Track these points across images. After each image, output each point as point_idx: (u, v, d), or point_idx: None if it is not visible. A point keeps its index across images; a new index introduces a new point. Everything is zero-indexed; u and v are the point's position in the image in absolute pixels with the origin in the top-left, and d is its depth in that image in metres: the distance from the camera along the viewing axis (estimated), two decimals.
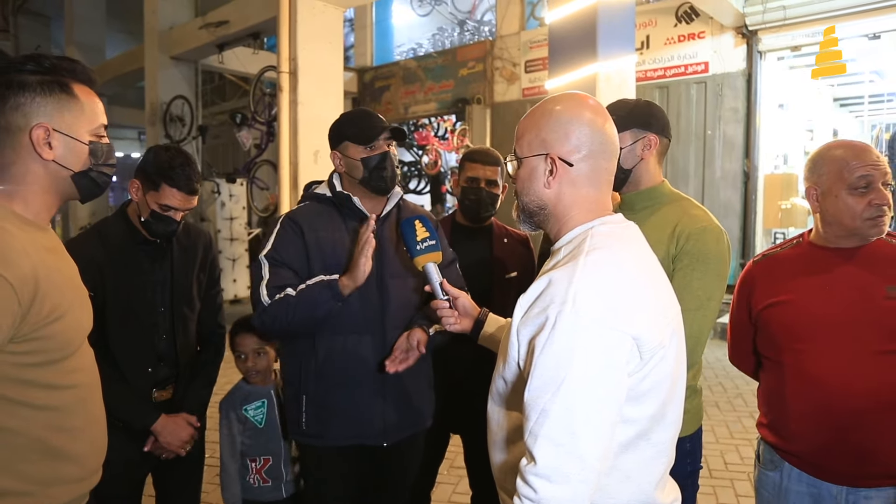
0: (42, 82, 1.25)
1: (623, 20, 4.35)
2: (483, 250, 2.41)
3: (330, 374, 1.83)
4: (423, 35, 12.23)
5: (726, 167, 7.64)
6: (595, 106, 1.20)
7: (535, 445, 1.01)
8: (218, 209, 9.05)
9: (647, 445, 1.13)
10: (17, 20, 12.35)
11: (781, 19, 7.06)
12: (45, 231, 1.31)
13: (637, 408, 1.09)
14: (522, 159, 1.22)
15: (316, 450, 1.90)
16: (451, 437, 2.49)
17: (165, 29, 8.91)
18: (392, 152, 1.89)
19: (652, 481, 1.14)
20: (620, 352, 1.03)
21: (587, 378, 1.01)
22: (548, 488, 0.99)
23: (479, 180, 2.34)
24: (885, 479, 1.58)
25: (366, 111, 1.94)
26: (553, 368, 1.02)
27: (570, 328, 1.02)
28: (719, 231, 1.67)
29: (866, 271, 1.62)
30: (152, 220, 1.94)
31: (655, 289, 1.14)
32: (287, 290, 1.76)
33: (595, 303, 1.03)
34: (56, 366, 1.25)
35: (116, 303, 1.92)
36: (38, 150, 1.24)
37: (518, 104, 9.12)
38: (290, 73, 6.01)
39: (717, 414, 4.65)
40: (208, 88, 13.56)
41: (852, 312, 1.60)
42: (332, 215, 1.90)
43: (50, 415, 1.24)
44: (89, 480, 1.36)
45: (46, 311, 1.19)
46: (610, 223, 1.18)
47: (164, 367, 2.03)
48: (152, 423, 1.95)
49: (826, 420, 1.60)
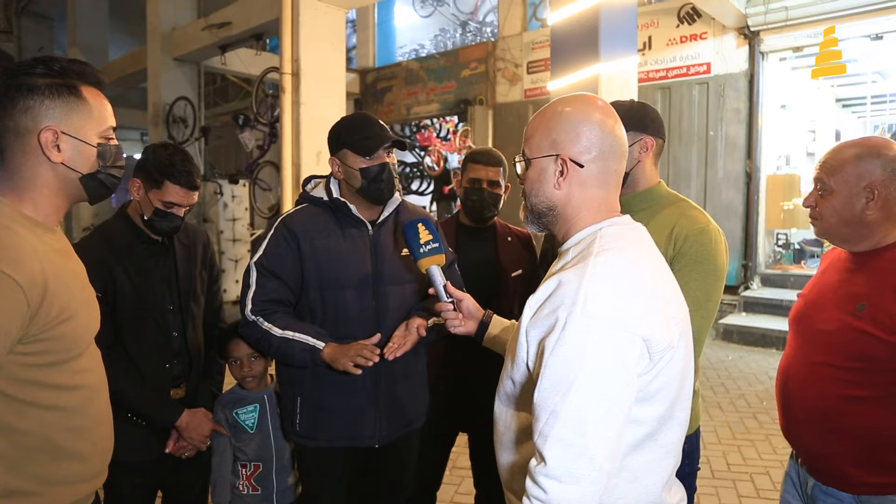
0: (51, 85, 1.25)
1: (625, 21, 4.35)
2: (487, 250, 2.42)
3: (325, 377, 1.84)
4: (425, 36, 12.26)
5: (728, 168, 7.63)
6: (605, 107, 1.20)
7: (545, 446, 1.02)
8: (220, 210, 9.06)
9: (656, 446, 1.13)
10: (21, 22, 12.39)
11: (783, 20, 7.06)
12: (54, 232, 1.32)
13: (646, 408, 1.10)
14: (532, 160, 1.22)
15: (310, 450, 1.92)
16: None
17: (168, 30, 8.93)
18: (392, 161, 1.88)
19: (659, 482, 1.15)
20: (630, 353, 1.04)
21: (597, 379, 1.02)
22: (558, 489, 1.00)
23: (481, 181, 2.35)
24: (830, 479, 1.58)
25: (366, 118, 1.91)
26: (563, 369, 1.02)
27: (581, 329, 1.02)
28: (717, 232, 1.68)
29: (870, 280, 1.53)
30: (156, 218, 1.95)
31: (664, 290, 1.14)
32: (272, 329, 1.78)
33: (605, 304, 1.03)
34: (64, 366, 1.25)
35: (127, 302, 1.94)
36: (46, 152, 1.25)
37: (520, 105, 9.12)
38: (293, 75, 6.02)
39: (720, 415, 4.65)
40: (211, 90, 13.60)
41: (825, 318, 1.57)
42: (329, 220, 1.90)
43: (58, 415, 1.25)
44: (95, 481, 1.36)
45: (55, 313, 1.20)
46: (618, 224, 1.18)
47: (179, 364, 2.06)
48: (177, 419, 1.97)
49: (784, 415, 1.67)
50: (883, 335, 1.42)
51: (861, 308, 1.48)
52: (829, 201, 1.55)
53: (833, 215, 1.55)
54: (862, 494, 1.51)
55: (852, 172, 1.51)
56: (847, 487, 1.53)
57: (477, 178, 2.35)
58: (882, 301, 1.45)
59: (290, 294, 1.85)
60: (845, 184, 1.52)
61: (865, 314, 1.46)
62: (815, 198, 1.59)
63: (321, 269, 1.83)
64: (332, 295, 1.84)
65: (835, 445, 1.53)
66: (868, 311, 1.46)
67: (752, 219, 7.57)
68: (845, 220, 1.54)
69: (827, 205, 1.55)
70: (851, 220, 1.53)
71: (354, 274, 1.85)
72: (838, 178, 1.53)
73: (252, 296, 1.81)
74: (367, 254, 1.88)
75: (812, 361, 1.57)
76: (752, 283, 7.58)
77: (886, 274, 1.49)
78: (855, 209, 1.52)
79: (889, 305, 1.43)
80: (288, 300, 1.85)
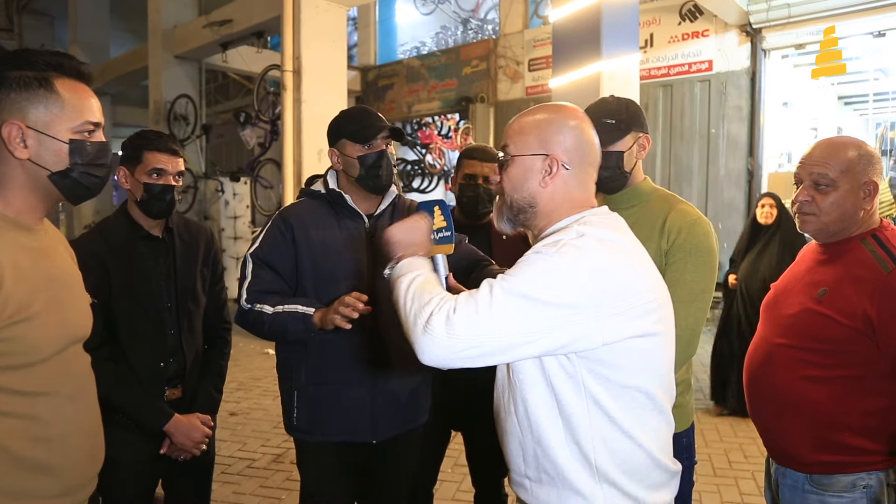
0: (19, 78, 1.18)
1: (627, 18, 4.34)
2: (482, 247, 2.41)
3: (322, 372, 1.84)
4: (426, 33, 12.25)
5: (730, 165, 7.62)
6: (585, 116, 1.31)
7: (475, 297, 1.10)
8: (222, 208, 9.07)
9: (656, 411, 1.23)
10: (22, 19, 12.39)
11: (786, 17, 7.04)
12: (31, 231, 1.24)
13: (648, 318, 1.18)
14: (515, 157, 1.28)
15: (308, 445, 1.92)
16: (455, 435, 2.50)
17: (169, 28, 8.93)
18: (390, 151, 1.89)
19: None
20: (607, 283, 1.12)
21: (565, 280, 1.10)
22: (443, 329, 1.08)
23: (476, 177, 2.35)
24: (785, 459, 1.64)
25: (365, 109, 1.94)
26: (541, 263, 1.13)
27: (571, 250, 1.12)
28: (708, 224, 1.71)
29: (834, 268, 1.59)
30: (147, 197, 1.94)
31: (646, 267, 1.23)
32: (264, 307, 1.78)
33: (598, 241, 1.15)
34: (23, 371, 1.17)
35: (124, 300, 1.93)
36: (10, 148, 1.18)
37: (521, 102, 9.10)
38: (294, 72, 6.02)
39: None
40: (212, 87, 13.59)
41: (790, 304, 1.63)
42: (326, 213, 1.90)
43: (16, 422, 1.16)
44: (76, 496, 1.28)
45: (10, 312, 1.13)
46: (599, 214, 1.26)
47: (174, 363, 2.03)
48: (165, 423, 1.94)
49: (748, 397, 1.72)
50: (840, 318, 1.48)
51: (822, 293, 1.54)
52: (831, 196, 1.56)
53: (834, 210, 1.56)
54: (813, 474, 1.56)
55: (857, 168, 1.54)
56: (800, 467, 1.59)
57: (472, 174, 2.35)
58: (842, 286, 1.51)
59: (285, 285, 1.86)
60: (854, 179, 1.54)
61: (825, 299, 1.52)
62: (813, 193, 1.58)
63: (316, 262, 1.84)
64: (326, 287, 1.83)
65: (788, 424, 1.59)
66: (828, 296, 1.52)
67: None
68: (845, 215, 1.56)
69: (829, 200, 1.56)
70: (849, 214, 1.56)
71: (350, 266, 1.85)
72: (846, 174, 1.54)
73: (248, 286, 1.82)
74: (362, 246, 1.88)
75: (773, 343, 1.64)
76: None
77: (850, 263, 1.55)
78: (856, 204, 1.55)
79: (847, 290, 1.49)
80: (283, 290, 1.86)
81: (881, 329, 1.44)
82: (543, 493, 1.23)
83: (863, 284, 1.48)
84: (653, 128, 7.94)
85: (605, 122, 1.70)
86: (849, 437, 1.50)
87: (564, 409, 1.18)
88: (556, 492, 1.21)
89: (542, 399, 1.19)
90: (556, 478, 1.21)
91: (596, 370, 1.16)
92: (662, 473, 1.24)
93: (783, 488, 1.64)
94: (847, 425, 1.50)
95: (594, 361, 1.15)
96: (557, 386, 1.17)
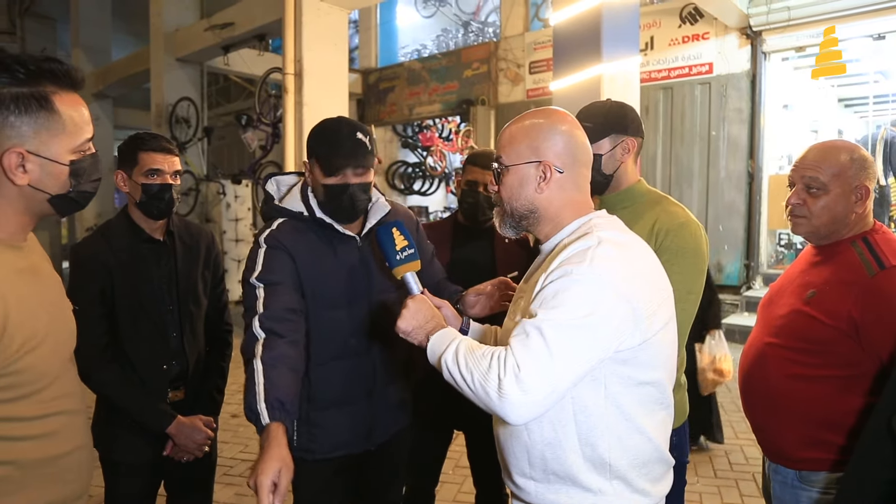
0: (17, 97, 1.10)
1: (627, 21, 4.36)
2: (485, 250, 2.42)
3: (320, 397, 1.80)
4: (427, 36, 12.25)
5: (731, 168, 7.63)
6: (573, 120, 1.35)
7: (522, 346, 1.11)
8: (223, 210, 9.08)
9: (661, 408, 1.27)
10: (24, 23, 12.40)
11: (786, 20, 7.05)
12: (19, 250, 1.20)
13: (647, 371, 1.22)
14: (510, 167, 1.31)
15: (305, 462, 1.85)
16: (456, 437, 2.51)
17: (171, 31, 8.95)
18: (364, 181, 1.71)
19: None
20: (616, 315, 1.14)
21: (583, 319, 1.12)
22: (517, 393, 1.10)
23: (477, 184, 2.32)
24: (776, 456, 1.68)
25: (339, 130, 1.70)
26: (558, 295, 1.15)
27: (583, 279, 1.13)
28: (697, 226, 1.73)
29: (824, 270, 1.62)
30: (146, 198, 1.94)
31: (653, 258, 1.28)
32: (257, 360, 1.54)
33: (609, 267, 1.16)
34: (32, 398, 1.15)
35: (126, 302, 1.94)
36: (10, 176, 1.12)
37: (522, 105, 9.11)
38: (296, 75, 6.03)
39: (723, 414, 4.62)
40: (213, 90, 13.63)
41: (781, 304, 1.68)
42: (316, 239, 1.77)
43: (29, 444, 1.16)
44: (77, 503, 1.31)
45: (18, 345, 1.10)
46: (602, 216, 1.31)
47: (177, 366, 2.04)
48: (168, 425, 1.95)
49: (742, 395, 1.78)
50: (826, 320, 1.52)
51: (811, 295, 1.59)
52: (822, 200, 1.60)
53: (825, 213, 1.60)
54: (802, 470, 1.60)
55: (849, 173, 1.58)
56: (789, 463, 1.63)
57: (473, 180, 2.33)
58: (829, 288, 1.56)
59: (299, 301, 1.71)
60: (846, 183, 1.58)
61: (814, 300, 1.57)
62: (805, 196, 1.62)
63: (315, 292, 1.75)
64: (326, 314, 1.78)
65: (778, 421, 1.63)
66: (816, 298, 1.57)
67: (755, 219, 7.57)
68: (836, 218, 1.60)
69: (819, 203, 1.60)
70: (840, 217, 1.60)
71: (350, 290, 1.80)
72: (837, 178, 1.58)
73: (260, 314, 1.62)
74: (359, 268, 1.81)
75: (764, 342, 1.68)
76: (755, 282, 7.58)
77: (839, 265, 1.58)
78: (847, 208, 1.60)
79: (834, 293, 1.54)
80: (298, 308, 1.70)
81: (864, 331, 1.47)
82: (551, 494, 1.24)
83: (848, 287, 1.51)
84: (653, 130, 7.95)
85: (583, 125, 1.71)
86: (833, 436, 1.54)
87: (582, 411, 1.20)
88: (566, 490, 1.22)
89: (558, 404, 1.19)
90: (566, 478, 1.22)
91: (620, 371, 1.18)
92: (664, 465, 1.28)
93: (774, 484, 1.69)
94: (832, 424, 1.54)
95: (620, 363, 1.18)
96: (576, 390, 1.18)
